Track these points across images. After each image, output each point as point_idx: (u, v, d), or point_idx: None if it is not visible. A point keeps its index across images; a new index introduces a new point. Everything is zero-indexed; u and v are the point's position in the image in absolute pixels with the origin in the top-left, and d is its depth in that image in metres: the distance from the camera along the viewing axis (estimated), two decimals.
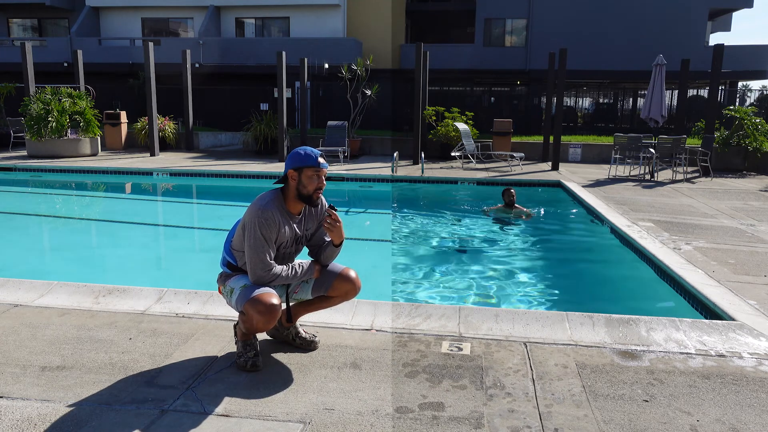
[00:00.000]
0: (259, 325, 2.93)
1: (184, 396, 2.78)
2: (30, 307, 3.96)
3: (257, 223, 2.95)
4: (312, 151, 3.03)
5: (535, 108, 21.33)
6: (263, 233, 2.96)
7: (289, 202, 3.09)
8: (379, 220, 9.13)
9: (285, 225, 3.06)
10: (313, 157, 3.01)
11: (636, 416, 2.68)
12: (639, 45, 23.05)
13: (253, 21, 25.56)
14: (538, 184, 11.38)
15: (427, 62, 15.22)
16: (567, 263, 6.69)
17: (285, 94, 14.39)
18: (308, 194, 3.04)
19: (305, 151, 3.03)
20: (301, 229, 3.17)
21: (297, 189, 3.03)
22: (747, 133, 13.21)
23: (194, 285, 4.54)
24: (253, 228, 2.96)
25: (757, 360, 3.30)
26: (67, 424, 2.52)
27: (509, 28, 25.59)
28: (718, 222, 7.41)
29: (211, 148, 17.40)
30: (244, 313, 2.97)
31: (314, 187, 3.03)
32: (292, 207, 3.10)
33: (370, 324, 3.69)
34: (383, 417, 2.62)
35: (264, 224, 2.96)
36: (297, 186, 3.03)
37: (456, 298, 5.26)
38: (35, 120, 14.01)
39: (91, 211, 9.91)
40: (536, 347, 3.43)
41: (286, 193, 3.09)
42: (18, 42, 25.17)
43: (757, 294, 4.48)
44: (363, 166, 13.29)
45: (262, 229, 2.95)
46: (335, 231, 3.09)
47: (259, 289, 2.96)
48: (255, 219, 2.96)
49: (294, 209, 3.11)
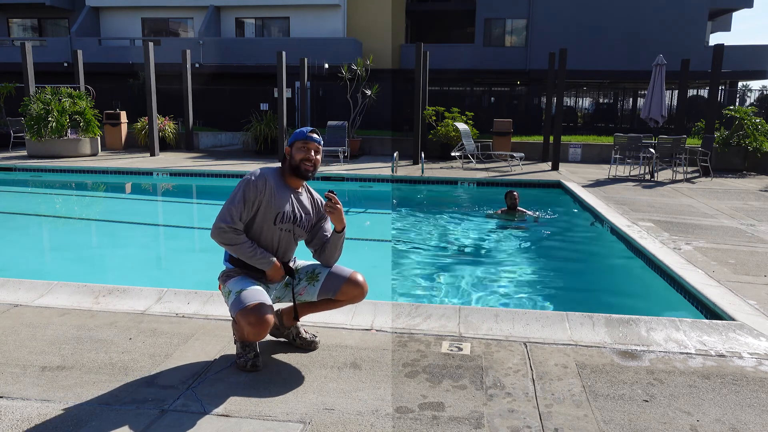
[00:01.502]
0: (249, 336, 2.93)
1: (184, 396, 2.78)
2: (30, 307, 3.96)
3: (246, 181, 3.06)
4: (306, 128, 3.21)
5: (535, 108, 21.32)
6: (245, 192, 3.03)
7: (286, 175, 3.20)
8: (379, 220, 9.12)
9: (279, 194, 3.10)
10: (303, 131, 3.18)
11: (636, 416, 2.68)
12: (639, 45, 23.05)
13: (253, 21, 25.56)
14: (538, 184, 11.38)
15: (427, 62, 15.22)
16: (567, 263, 6.69)
17: (285, 94, 14.39)
18: (296, 164, 3.14)
19: (300, 129, 3.22)
20: (298, 208, 3.18)
21: (289, 162, 3.16)
22: (747, 133, 13.21)
23: (194, 285, 4.54)
24: (240, 184, 3.06)
25: (757, 360, 3.30)
26: (67, 424, 2.52)
27: (509, 28, 25.59)
28: (718, 222, 7.41)
29: (211, 148, 17.40)
30: (236, 322, 2.98)
31: (301, 157, 3.13)
32: (288, 180, 3.20)
33: (370, 324, 3.69)
34: (383, 417, 2.62)
35: (251, 184, 3.04)
36: (289, 160, 3.16)
37: (456, 298, 5.27)
38: (35, 120, 14.01)
39: (91, 211, 9.91)
40: (536, 347, 3.42)
41: (284, 168, 3.22)
42: (18, 42, 25.18)
43: (757, 294, 4.48)
44: (363, 166, 13.29)
45: (246, 188, 3.04)
46: (336, 214, 3.13)
47: (252, 299, 2.92)
48: (246, 178, 3.08)
49: (291, 183, 3.21)
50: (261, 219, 3.09)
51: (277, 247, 3.18)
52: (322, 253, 3.26)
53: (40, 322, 3.67)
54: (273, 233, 3.13)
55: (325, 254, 3.25)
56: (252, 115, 16.29)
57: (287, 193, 3.16)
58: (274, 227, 3.11)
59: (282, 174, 3.21)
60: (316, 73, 21.10)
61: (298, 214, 3.18)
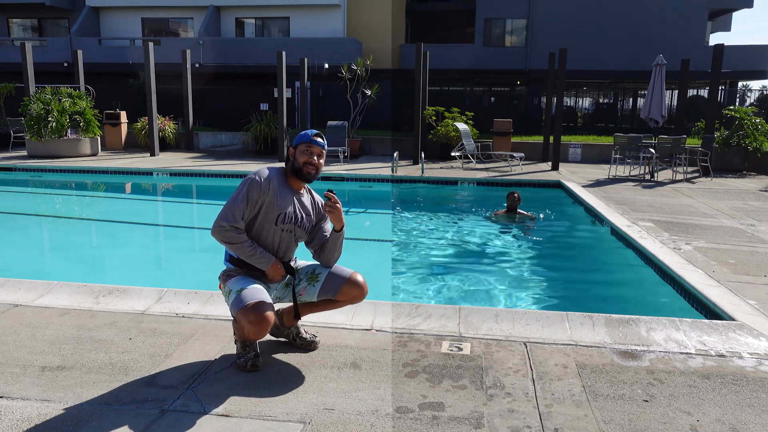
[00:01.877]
0: (250, 335, 2.94)
1: (184, 396, 2.78)
2: (30, 307, 3.96)
3: (250, 180, 3.06)
4: (310, 131, 3.20)
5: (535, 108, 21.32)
6: (249, 191, 3.03)
7: (289, 177, 3.20)
8: (379, 220, 9.12)
9: (281, 194, 3.11)
10: (308, 134, 3.18)
11: (636, 416, 2.68)
12: (639, 45, 23.05)
13: (253, 21, 25.56)
14: (538, 184, 11.37)
15: (427, 62, 15.22)
16: (567, 263, 6.69)
17: (285, 94, 14.39)
18: (299, 167, 3.14)
19: (305, 131, 3.22)
20: (300, 209, 3.19)
21: (292, 164, 3.17)
22: (747, 133, 13.21)
23: (194, 285, 4.54)
24: (243, 183, 3.06)
25: (757, 360, 3.30)
26: (67, 424, 2.52)
27: (509, 28, 25.59)
28: (718, 222, 7.41)
29: (211, 148, 17.40)
30: (237, 321, 2.99)
31: (304, 160, 3.13)
32: (291, 181, 3.20)
33: (370, 324, 3.69)
34: (383, 417, 2.62)
35: (255, 183, 3.04)
36: (292, 161, 3.17)
37: (456, 298, 5.26)
38: (35, 120, 14.01)
39: (91, 211, 9.91)
40: (536, 347, 3.42)
41: (286, 170, 3.22)
42: (18, 42, 25.17)
43: (757, 294, 4.48)
44: (363, 166, 13.29)
45: (250, 188, 3.04)
46: (335, 214, 3.14)
47: (252, 297, 2.93)
48: (250, 177, 3.07)
49: (294, 184, 3.21)
50: (263, 219, 3.09)
51: (278, 248, 3.18)
52: (321, 254, 3.27)
53: (40, 322, 3.67)
54: (274, 233, 3.13)
55: (324, 254, 3.25)
56: (252, 115, 16.29)
57: (289, 194, 3.17)
58: (275, 227, 3.11)
59: (285, 175, 3.21)
60: (316, 73, 21.10)
61: (299, 215, 3.19)
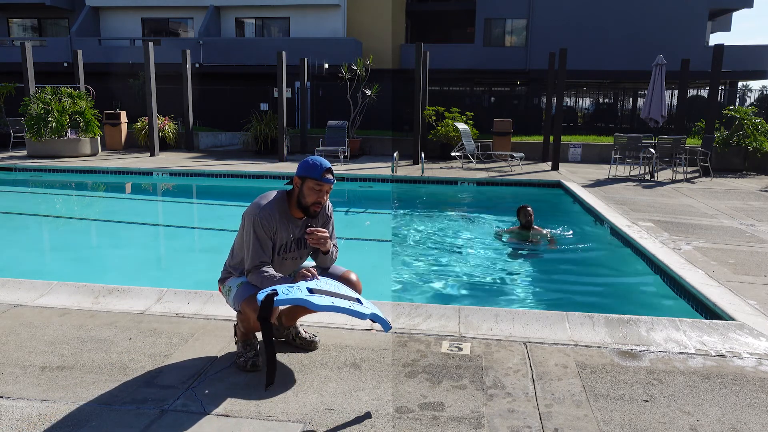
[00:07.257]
0: (255, 325, 2.93)
1: (184, 396, 2.78)
2: (30, 307, 3.96)
3: (253, 221, 2.98)
4: (321, 164, 2.99)
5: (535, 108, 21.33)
6: (257, 232, 2.98)
7: (292, 206, 3.09)
8: (379, 220, 9.12)
9: (283, 228, 3.05)
10: (318, 169, 2.97)
11: (636, 416, 2.68)
12: (639, 45, 23.04)
13: (253, 21, 25.56)
14: (538, 184, 11.37)
15: (427, 62, 15.22)
16: (567, 263, 6.68)
17: (285, 94, 14.39)
18: (306, 205, 3.02)
19: (314, 161, 3.01)
20: (301, 234, 3.15)
21: (298, 197, 3.04)
22: (747, 133, 13.21)
23: (194, 285, 4.54)
24: (249, 227, 3.00)
25: (757, 360, 3.30)
26: (67, 424, 2.52)
27: (509, 28, 25.59)
28: (718, 222, 7.40)
29: (211, 148, 17.40)
30: (241, 312, 2.98)
31: (313, 200, 3.01)
32: (294, 212, 3.10)
33: (370, 324, 3.69)
34: (383, 417, 2.62)
35: (259, 224, 2.97)
36: (298, 194, 3.03)
37: (456, 298, 5.26)
38: (35, 120, 14.01)
39: (91, 211, 9.91)
40: (536, 347, 3.42)
41: (291, 197, 3.10)
42: (18, 42, 25.17)
43: (757, 294, 4.48)
44: (363, 166, 13.29)
45: (256, 229, 2.98)
46: (318, 245, 3.05)
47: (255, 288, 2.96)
48: (252, 218, 2.99)
49: (296, 214, 3.10)
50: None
51: (288, 271, 3.20)
52: (316, 258, 3.28)
53: (40, 322, 3.67)
54: (281, 262, 3.13)
55: (319, 259, 3.26)
56: (252, 115, 16.29)
57: (291, 224, 3.09)
58: (278, 257, 3.11)
59: (288, 203, 3.09)
60: (316, 73, 21.10)
61: (301, 240, 3.16)
